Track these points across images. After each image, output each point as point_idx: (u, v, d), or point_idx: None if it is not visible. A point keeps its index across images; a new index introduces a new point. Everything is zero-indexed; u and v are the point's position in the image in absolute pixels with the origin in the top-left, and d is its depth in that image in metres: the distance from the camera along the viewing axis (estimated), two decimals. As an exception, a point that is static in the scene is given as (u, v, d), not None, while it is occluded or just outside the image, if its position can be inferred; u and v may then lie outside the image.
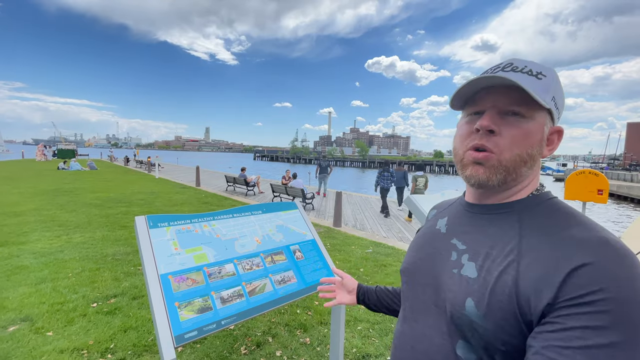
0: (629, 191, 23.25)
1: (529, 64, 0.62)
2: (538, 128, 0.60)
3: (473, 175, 0.63)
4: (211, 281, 1.53)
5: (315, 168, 12.64)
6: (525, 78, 0.59)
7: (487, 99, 0.62)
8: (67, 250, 4.93)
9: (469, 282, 0.59)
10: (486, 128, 0.60)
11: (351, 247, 5.76)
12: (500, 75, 0.57)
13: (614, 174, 33.39)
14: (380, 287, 1.06)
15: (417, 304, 0.71)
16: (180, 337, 1.31)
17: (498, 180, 0.61)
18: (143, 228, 1.52)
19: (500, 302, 0.54)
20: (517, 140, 0.59)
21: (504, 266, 0.56)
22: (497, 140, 0.60)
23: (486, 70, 0.65)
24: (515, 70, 0.60)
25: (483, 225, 0.65)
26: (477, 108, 0.64)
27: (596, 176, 4.62)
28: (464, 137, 0.65)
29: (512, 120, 0.60)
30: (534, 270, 0.52)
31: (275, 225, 2.02)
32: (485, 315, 0.55)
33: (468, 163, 0.64)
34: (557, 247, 0.52)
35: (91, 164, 22.71)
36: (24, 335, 2.71)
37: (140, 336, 2.76)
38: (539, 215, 0.60)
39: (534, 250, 0.55)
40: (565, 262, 0.50)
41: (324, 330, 3.00)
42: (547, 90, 0.59)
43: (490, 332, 0.54)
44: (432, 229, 0.78)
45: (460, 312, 0.59)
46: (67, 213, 7.63)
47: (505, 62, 0.64)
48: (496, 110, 0.61)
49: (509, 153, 0.59)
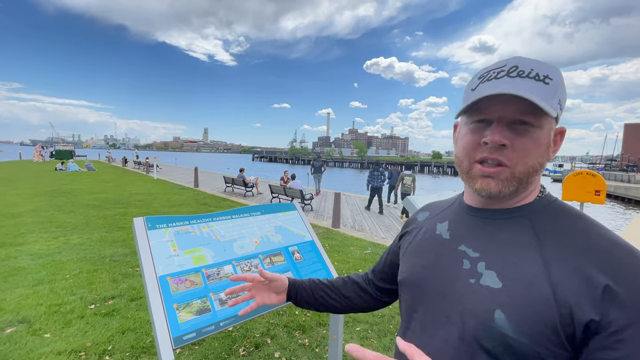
0: (626, 192, 23.35)
1: (534, 65, 0.58)
2: (546, 134, 0.59)
3: (484, 189, 0.60)
4: (210, 283, 1.53)
5: (310, 167, 13.58)
6: (533, 86, 0.55)
7: (494, 108, 0.58)
8: (65, 252, 4.91)
9: (494, 293, 0.56)
10: (498, 143, 0.57)
11: (350, 248, 5.76)
12: (512, 93, 0.54)
13: (611, 174, 33.54)
14: (314, 282, 0.97)
15: (427, 316, 0.65)
16: (179, 338, 1.30)
17: (510, 191, 0.59)
18: (141, 229, 1.52)
19: (537, 313, 0.51)
20: (529, 152, 0.57)
21: (532, 275, 0.54)
22: (509, 153, 0.57)
23: (488, 71, 0.61)
24: (521, 75, 0.56)
25: (493, 230, 0.62)
26: (482, 116, 0.60)
27: (593, 177, 4.64)
28: (470, 149, 0.62)
29: (521, 131, 0.57)
30: (568, 280, 0.51)
31: (274, 226, 2.02)
32: (520, 327, 0.52)
33: (477, 176, 0.61)
34: (581, 254, 0.53)
35: (89, 164, 22.64)
36: (22, 337, 2.69)
37: (139, 338, 2.75)
38: (550, 219, 0.59)
39: (559, 258, 0.54)
40: (597, 272, 0.50)
41: (322, 331, 3.00)
42: (555, 94, 0.56)
43: (526, 345, 0.51)
44: (431, 235, 0.73)
45: (488, 325, 0.55)
46: (65, 214, 7.60)
47: (509, 64, 0.59)
48: (504, 121, 0.58)
49: (522, 166, 0.58)
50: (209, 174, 21.93)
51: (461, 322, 0.59)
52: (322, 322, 3.16)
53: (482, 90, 0.58)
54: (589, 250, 0.53)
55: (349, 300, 0.95)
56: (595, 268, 0.51)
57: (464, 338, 0.58)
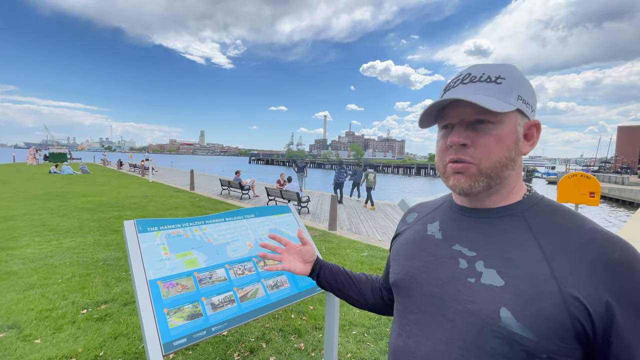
0: (620, 194, 23.57)
1: (487, 68, 0.63)
2: (511, 130, 0.61)
3: (456, 185, 0.64)
4: (202, 287, 1.50)
5: (293, 167, 15.55)
6: (484, 87, 0.61)
7: (453, 113, 0.63)
8: (57, 256, 4.84)
9: (497, 291, 0.56)
10: (457, 143, 0.62)
11: (346, 251, 5.74)
12: (457, 98, 0.59)
13: (605, 176, 33.84)
14: (338, 267, 1.02)
15: (424, 317, 0.65)
16: (169, 344, 1.27)
17: (481, 187, 0.62)
18: (132, 233, 1.49)
19: (545, 309, 0.52)
20: (491, 148, 0.60)
21: (536, 271, 0.55)
22: (472, 152, 0.61)
23: (448, 84, 0.67)
24: (473, 80, 0.62)
25: (487, 229, 0.63)
26: (446, 122, 0.66)
27: (588, 179, 4.66)
28: (441, 152, 0.66)
29: (481, 129, 0.61)
30: (572, 275, 0.52)
31: (268, 229, 1.99)
32: (528, 324, 0.52)
33: (449, 174, 0.65)
34: (581, 249, 0.54)
35: (84, 167, 22.46)
36: (11, 343, 2.64)
37: (131, 343, 2.71)
38: (543, 215, 0.61)
39: (560, 254, 0.55)
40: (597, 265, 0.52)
41: (318, 335, 2.97)
42: (510, 91, 0.60)
43: (535, 342, 0.52)
44: (423, 235, 0.74)
45: (494, 323, 0.55)
46: (58, 217, 7.51)
47: (464, 73, 0.65)
48: (464, 123, 0.62)
49: (487, 161, 0.60)
50: (205, 176, 21.83)
51: (463, 322, 0.58)
52: (317, 325, 3.13)
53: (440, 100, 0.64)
54: (587, 245, 0.54)
55: (365, 298, 0.98)
56: (595, 262, 0.52)
57: (466, 338, 0.57)
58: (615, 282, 0.51)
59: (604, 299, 0.50)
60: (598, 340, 0.51)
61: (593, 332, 0.51)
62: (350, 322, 3.19)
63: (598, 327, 0.51)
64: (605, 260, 0.52)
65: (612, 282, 0.51)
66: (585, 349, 0.53)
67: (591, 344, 0.52)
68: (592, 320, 0.51)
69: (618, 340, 0.50)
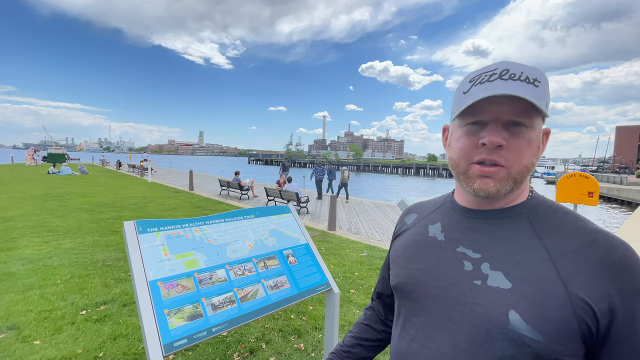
0: (619, 193, 23.63)
1: (524, 68, 0.59)
2: (537, 135, 0.61)
3: (482, 189, 0.60)
4: (202, 287, 1.50)
5: (280, 167, 16.98)
6: (525, 88, 0.56)
7: (489, 109, 0.59)
8: (56, 257, 4.84)
9: (505, 294, 0.56)
10: (495, 144, 0.58)
11: (346, 251, 5.74)
12: (512, 94, 0.55)
13: (603, 176, 33.91)
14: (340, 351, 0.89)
15: (429, 320, 0.64)
16: (170, 345, 1.27)
17: (507, 191, 0.60)
18: (132, 233, 1.49)
19: (553, 311, 0.52)
20: (523, 152, 0.59)
21: (542, 273, 0.55)
22: (506, 154, 0.59)
23: (479, 74, 0.62)
24: (513, 78, 0.58)
25: (492, 230, 0.63)
26: (477, 118, 0.61)
27: (586, 179, 4.67)
28: (467, 150, 0.62)
29: (516, 132, 0.58)
30: (578, 276, 0.53)
31: (268, 229, 1.99)
32: (537, 327, 0.52)
33: (475, 176, 0.61)
34: (584, 250, 0.55)
35: (82, 168, 22.41)
36: (10, 344, 2.63)
37: (131, 344, 2.70)
38: (545, 216, 0.61)
39: (565, 255, 0.55)
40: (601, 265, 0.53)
41: (318, 335, 2.97)
42: (543, 96, 0.58)
43: (543, 344, 0.52)
44: (424, 237, 0.72)
45: (503, 326, 0.54)
46: (57, 218, 7.50)
47: (500, 67, 0.60)
48: (500, 122, 0.59)
49: (518, 166, 0.59)
50: (204, 177, 21.81)
51: (470, 324, 0.58)
52: (317, 326, 3.13)
53: (476, 92, 0.59)
54: (590, 246, 0.55)
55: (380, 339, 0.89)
56: (598, 262, 0.53)
57: (473, 341, 0.57)
58: (618, 282, 0.52)
59: (607, 298, 0.51)
60: (600, 338, 0.53)
61: (597, 331, 0.52)
62: (350, 322, 3.19)
63: (602, 326, 0.52)
64: (608, 260, 0.53)
65: (615, 281, 0.52)
66: (587, 348, 0.54)
67: (593, 343, 0.53)
68: (597, 319, 0.51)
69: (619, 337, 0.52)
